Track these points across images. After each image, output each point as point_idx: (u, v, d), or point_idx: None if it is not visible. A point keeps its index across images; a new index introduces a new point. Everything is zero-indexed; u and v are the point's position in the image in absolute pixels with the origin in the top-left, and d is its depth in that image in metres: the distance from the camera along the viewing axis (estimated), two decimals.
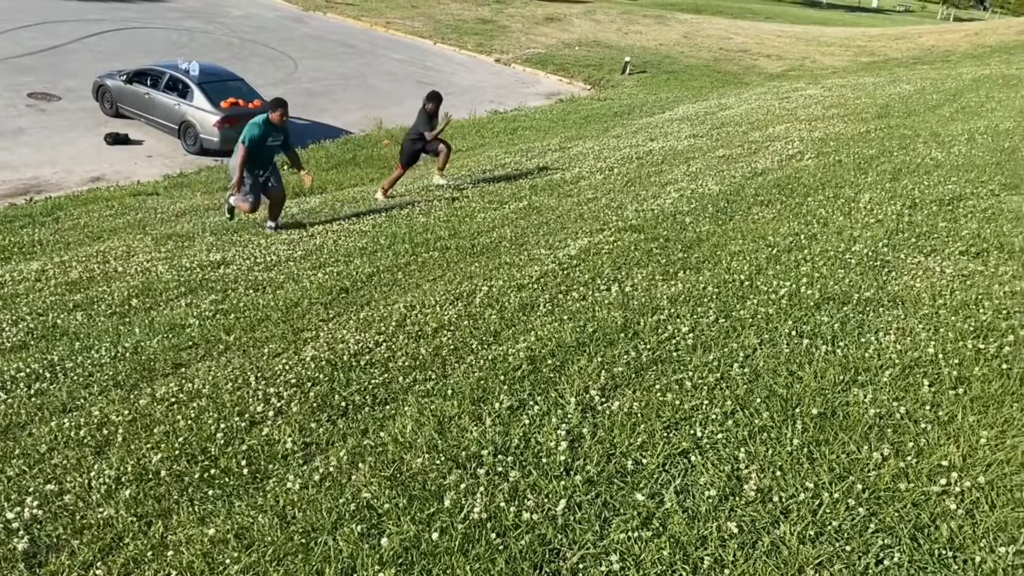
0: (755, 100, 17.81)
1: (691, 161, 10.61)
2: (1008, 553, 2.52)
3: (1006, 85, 15.60)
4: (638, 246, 6.31)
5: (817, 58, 29.93)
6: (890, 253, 5.55)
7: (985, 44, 29.08)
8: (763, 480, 2.96)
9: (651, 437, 3.34)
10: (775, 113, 14.89)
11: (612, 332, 4.52)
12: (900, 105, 14.30)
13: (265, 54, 23.34)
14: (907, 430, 3.25)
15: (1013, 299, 4.58)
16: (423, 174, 12.56)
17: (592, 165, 11.29)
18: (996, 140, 9.60)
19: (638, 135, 14.15)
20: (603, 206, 8.23)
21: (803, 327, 4.36)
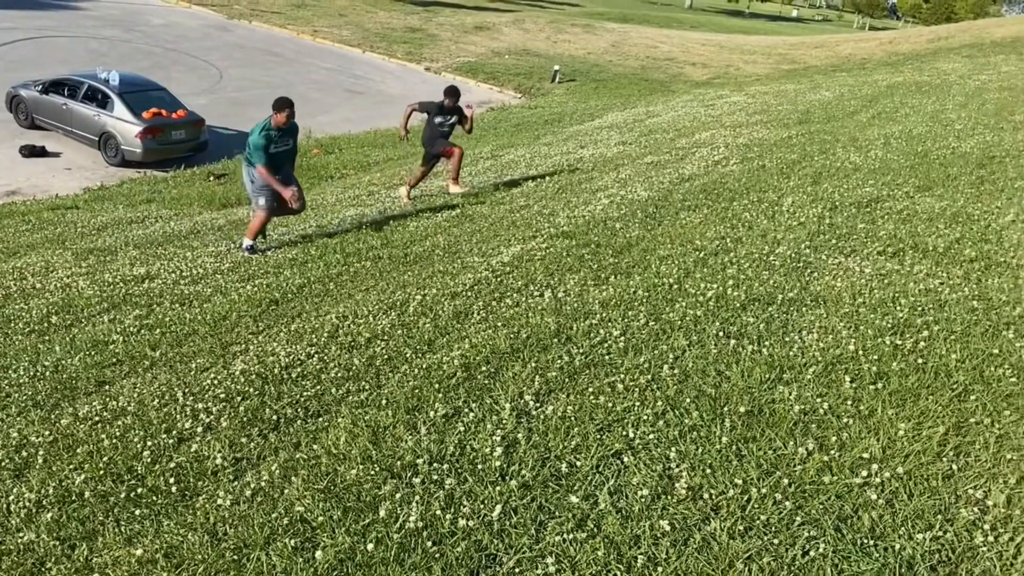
0: (682, 107, 18.19)
1: (620, 168, 10.78)
2: (925, 539, 2.63)
3: (918, 91, 16.28)
4: (570, 252, 6.38)
5: (741, 66, 30.74)
6: (812, 254, 5.73)
7: (899, 52, 30.31)
8: (694, 478, 3.02)
9: (585, 440, 3.37)
10: (701, 120, 15.23)
11: (546, 337, 4.55)
12: (820, 111, 14.79)
13: (188, 63, 22.84)
14: (830, 425, 3.36)
15: (927, 296, 4.78)
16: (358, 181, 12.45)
17: (524, 172, 11.37)
18: (910, 144, 10.01)
19: (569, 143, 14.31)
20: (535, 213, 8.29)
21: (730, 328, 4.47)
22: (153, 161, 15.31)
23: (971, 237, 5.92)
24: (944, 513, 2.78)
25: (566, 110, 20.61)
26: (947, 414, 3.42)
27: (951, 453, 3.15)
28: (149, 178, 14.67)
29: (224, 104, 19.31)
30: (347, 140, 17.42)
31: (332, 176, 14.46)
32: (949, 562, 2.56)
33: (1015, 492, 2.90)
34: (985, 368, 3.83)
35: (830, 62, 30.29)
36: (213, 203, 12.37)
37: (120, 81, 15.56)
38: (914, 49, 30.27)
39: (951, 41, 30.61)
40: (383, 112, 19.95)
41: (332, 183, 13.63)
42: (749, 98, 18.54)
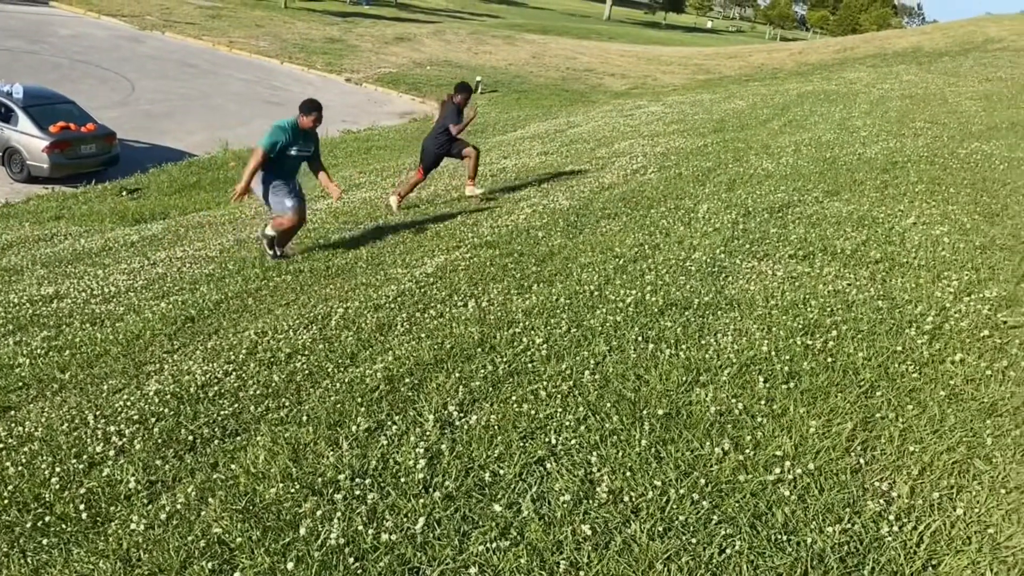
0: (601, 118, 18.49)
1: (542, 177, 10.88)
2: (835, 532, 2.73)
3: (827, 100, 16.95)
4: (494, 261, 6.41)
5: (658, 76, 31.44)
6: (727, 259, 5.88)
7: (808, 62, 31.50)
8: (614, 481, 3.07)
9: (508, 448, 3.39)
10: (620, 130, 15.51)
11: (469, 347, 4.56)
12: (734, 120, 15.24)
13: (99, 75, 22.08)
14: (745, 424, 3.46)
15: (836, 297, 4.96)
16: None
17: (447, 183, 11.37)
18: (819, 151, 10.40)
19: (492, 153, 14.37)
20: (459, 223, 8.30)
21: (649, 332, 4.55)
22: (61, 176, 14.76)
23: (876, 239, 6.18)
24: (852, 506, 2.89)
25: (489, 120, 20.70)
26: (855, 410, 3.56)
27: (859, 448, 3.28)
28: (57, 194, 14.12)
29: (137, 117, 18.75)
30: None
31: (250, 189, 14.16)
32: (857, 553, 2.66)
33: (918, 483, 3.03)
34: (890, 365, 3.99)
35: (743, 72, 31.25)
36: (126, 219, 11.99)
37: (24, 94, 14.95)
38: (822, 59, 31.52)
39: (856, 52, 32.00)
40: None
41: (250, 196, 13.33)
42: (666, 108, 18.98)
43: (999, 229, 6.42)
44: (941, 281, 5.18)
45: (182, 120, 19.17)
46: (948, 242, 6.02)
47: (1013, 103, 14.91)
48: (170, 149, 16.91)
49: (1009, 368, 3.92)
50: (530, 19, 56.95)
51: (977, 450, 3.25)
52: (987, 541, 2.70)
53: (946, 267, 5.46)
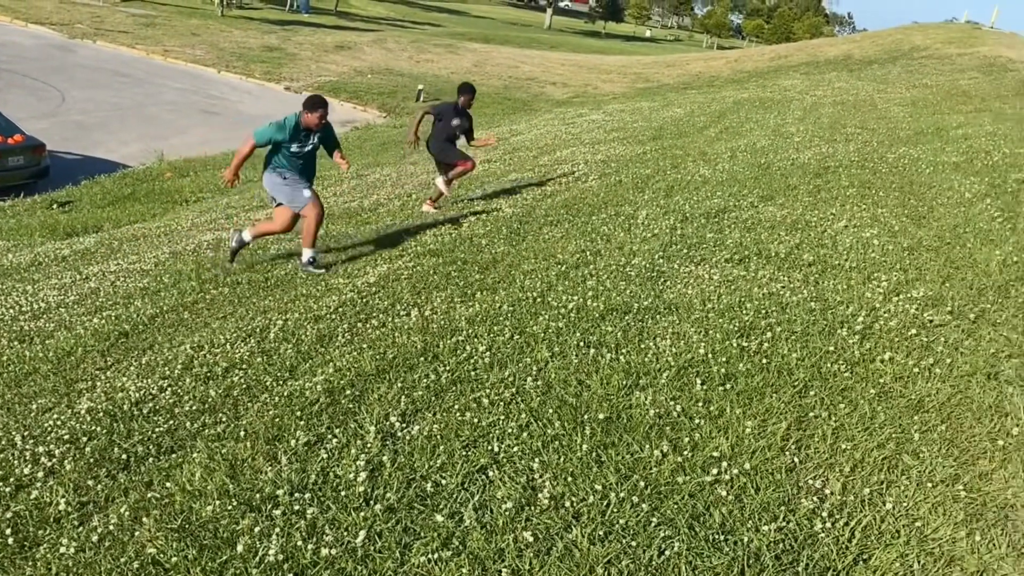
0: (543, 126, 18.60)
1: (485, 185, 10.90)
2: (770, 530, 2.79)
3: (762, 107, 17.35)
4: (437, 270, 6.39)
5: (599, 85, 31.78)
6: (665, 264, 5.97)
7: (744, 70, 32.20)
8: (556, 487, 3.08)
9: (451, 457, 3.38)
10: (562, 138, 15.62)
11: (412, 357, 4.53)
12: (672, 127, 15.48)
13: (26, 85, 21.40)
14: (683, 426, 3.51)
15: (770, 300, 5.08)
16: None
17: (390, 192, 11.30)
18: (754, 157, 10.64)
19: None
20: (402, 232, 8.25)
21: (590, 338, 4.59)
22: None
23: (809, 243, 6.34)
24: (787, 504, 2.95)
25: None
26: (789, 410, 3.64)
27: (793, 447, 3.35)
28: None
29: (68, 128, 18.21)
30: (203, 162, 16.78)
31: (187, 200, 13.89)
32: (792, 550, 2.72)
33: (849, 479, 3.12)
34: (822, 365, 4.10)
35: (681, 80, 31.80)
36: (57, 233, 11.61)
37: None
38: (757, 67, 32.25)
39: (790, 59, 32.82)
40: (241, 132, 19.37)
41: (187, 207, 13.08)
42: (607, 116, 19.18)
43: (926, 231, 6.65)
44: (871, 282, 5.34)
45: (115, 131, 18.69)
46: (878, 244, 6.21)
47: (938, 109, 15.46)
48: (103, 160, 16.45)
49: (935, 365, 4.06)
50: (472, 28, 57.09)
51: (905, 446, 3.35)
52: (915, 534, 2.79)
53: (876, 268, 5.63)
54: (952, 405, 3.69)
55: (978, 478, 3.14)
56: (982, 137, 11.62)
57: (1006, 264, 5.65)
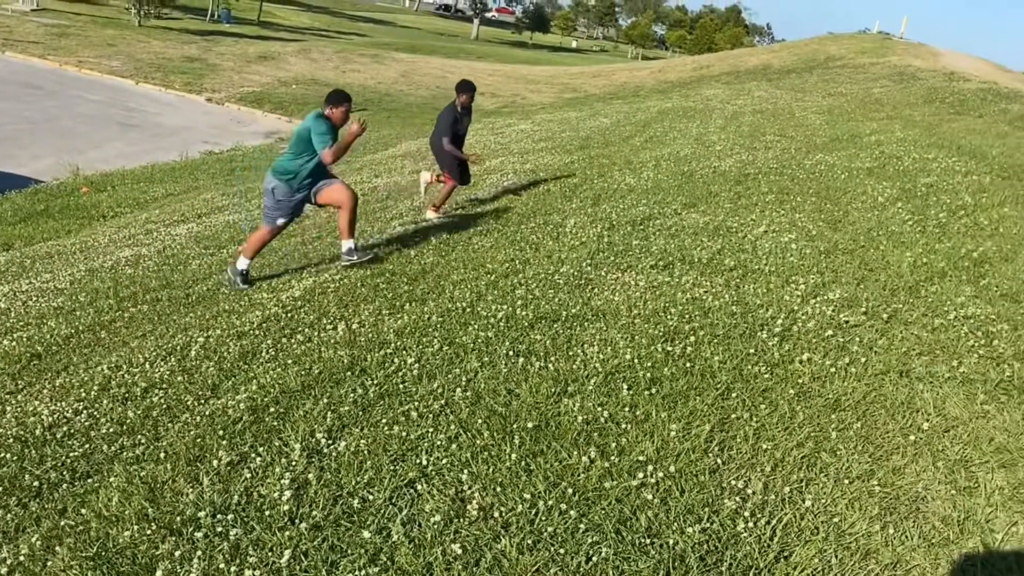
0: (472, 135, 18.60)
1: (415, 196, 10.84)
2: (695, 532, 2.83)
3: (685, 116, 17.71)
4: (364, 282, 6.32)
5: (527, 95, 32.00)
6: (593, 271, 6.03)
7: (667, 80, 32.86)
8: (485, 498, 3.07)
9: (378, 472, 3.33)
10: (491, 147, 15.66)
11: (339, 371, 4.47)
12: (599, 137, 15.68)
13: None
14: (610, 432, 3.54)
15: (694, 304, 5.17)
16: None
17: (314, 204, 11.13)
18: (677, 165, 10.84)
19: (363, 172, 14.21)
20: (328, 244, 8.15)
21: (519, 347, 4.60)
22: None
23: (730, 248, 6.49)
24: (711, 505, 3.01)
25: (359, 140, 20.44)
26: (712, 412, 3.71)
27: (716, 448, 3.42)
28: None
29: None
30: (121, 176, 16.26)
31: (105, 216, 13.42)
32: (716, 551, 2.77)
33: (770, 479, 3.19)
34: (744, 367, 4.19)
35: (607, 90, 32.26)
36: None
37: None
38: (681, 77, 32.95)
39: (712, 69, 33.62)
40: (161, 145, 18.88)
41: (105, 223, 12.65)
42: (535, 126, 19.32)
43: (841, 235, 6.88)
44: (789, 285, 5.49)
45: (27, 144, 17.96)
46: (796, 248, 6.40)
47: (852, 116, 16.05)
48: (13, 176, 15.77)
49: (851, 365, 4.20)
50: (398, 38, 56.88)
51: (823, 444, 3.45)
52: (833, 530, 2.88)
53: (794, 272, 5.79)
54: (867, 403, 3.82)
55: (892, 473, 3.25)
56: (893, 143, 12.11)
57: (916, 265, 5.88)
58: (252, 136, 21.72)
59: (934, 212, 7.42)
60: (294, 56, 35.53)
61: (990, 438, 3.49)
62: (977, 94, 18.41)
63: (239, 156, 18.46)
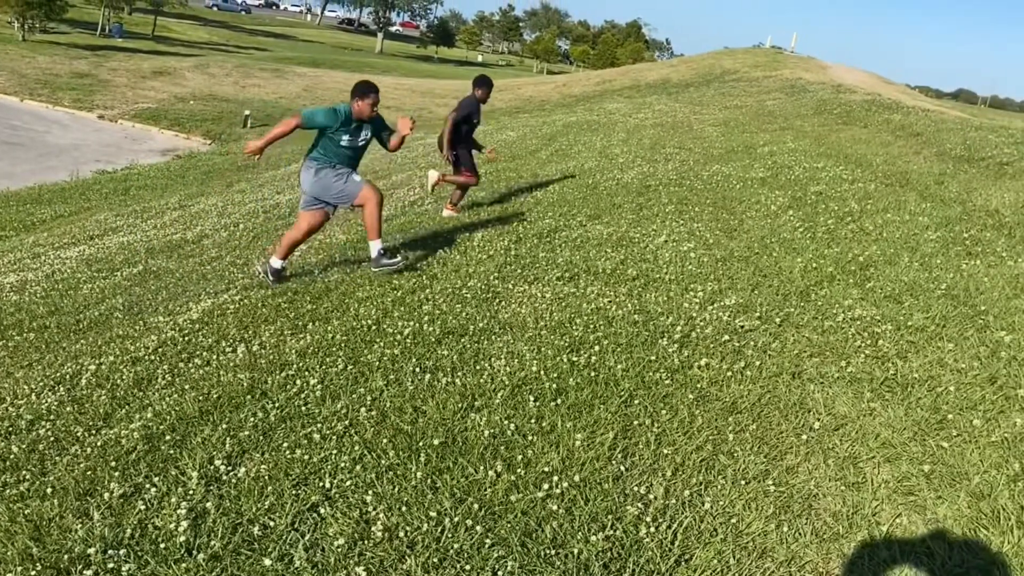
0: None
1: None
2: (599, 540, 2.87)
3: (589, 129, 18.02)
4: (266, 302, 6.17)
5: (433, 109, 31.99)
6: (500, 284, 6.06)
7: (572, 94, 33.42)
8: (390, 518, 3.04)
9: (280, 498, 3.25)
10: (398, 162, 15.58)
11: (238, 395, 4.34)
12: (505, 150, 15.79)
13: None
14: (517, 444, 3.56)
15: (598, 314, 5.26)
16: None
17: (216, 222, 10.84)
18: (582, 178, 11.02)
19: (264, 188, 13.92)
20: (228, 264, 7.94)
21: (426, 363, 4.57)
22: None
23: (633, 258, 6.63)
24: (614, 513, 3.05)
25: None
26: (616, 420, 3.77)
27: (620, 456, 3.47)
28: None
29: None
30: (5, 198, 15.45)
31: None
32: (619, 557, 2.81)
33: (671, 483, 3.27)
34: (645, 374, 4.28)
35: (514, 104, 32.57)
36: None
37: None
38: (585, 91, 33.57)
39: (615, 84, 34.39)
40: (49, 164, 18.02)
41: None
42: None
43: (737, 242, 7.12)
44: (689, 293, 5.65)
45: None
46: (694, 257, 6.59)
47: (747, 128, 16.66)
48: None
49: (746, 368, 4.34)
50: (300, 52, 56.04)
51: (721, 446, 3.56)
52: (731, 530, 2.96)
53: (693, 280, 5.96)
54: (762, 405, 3.96)
55: (786, 472, 3.37)
56: (785, 154, 12.62)
57: (807, 270, 6.14)
58: (148, 154, 20.98)
59: (823, 219, 7.77)
60: (191, 71, 34.53)
61: (876, 434, 3.66)
62: (862, 105, 19.39)
63: (135, 175, 17.79)
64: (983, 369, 4.24)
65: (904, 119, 16.30)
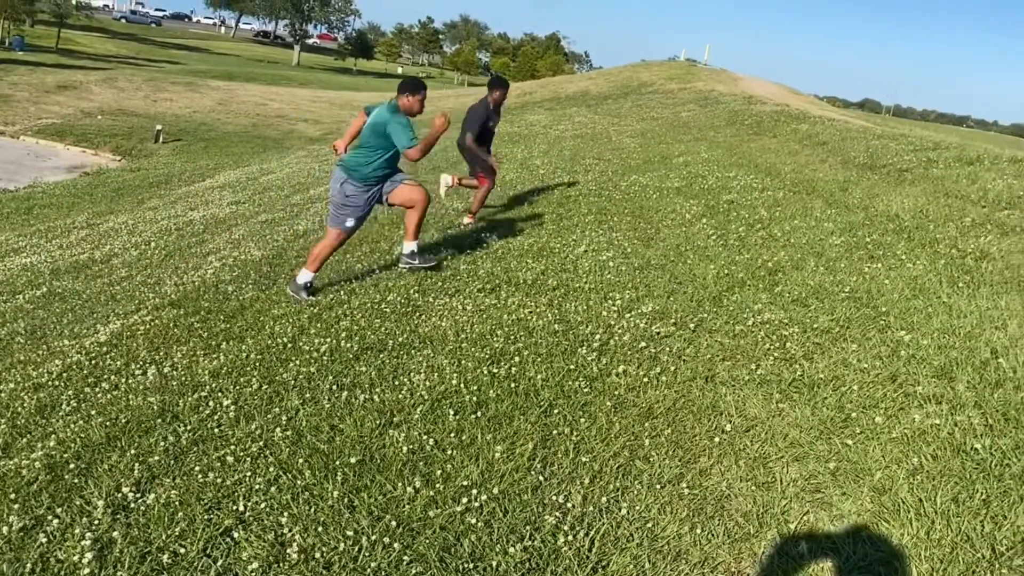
0: (296, 164, 18.21)
1: (233, 228, 10.45)
2: (517, 551, 2.87)
3: (511, 141, 18.13)
4: (178, 322, 6.00)
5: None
6: (421, 298, 6.03)
7: None
8: (306, 539, 2.98)
9: (191, 523, 3.15)
10: (316, 175, 15.38)
11: (148, 419, 4.20)
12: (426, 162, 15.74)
13: None
14: (436, 459, 3.54)
15: (519, 325, 5.28)
16: None
17: (126, 240, 10.48)
18: (504, 189, 11.08)
19: (177, 205, 13.53)
20: (139, 284, 7.68)
21: (343, 380, 4.51)
22: None
23: (554, 268, 6.69)
24: (533, 523, 3.06)
25: (173, 171, 19.48)
26: (535, 430, 3.79)
27: (539, 466, 3.49)
28: None
29: None
30: None
31: None
32: (538, 568, 2.82)
33: (589, 491, 3.30)
34: (565, 383, 4.32)
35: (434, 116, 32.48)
36: None
37: None
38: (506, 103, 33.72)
39: (535, 96, 34.72)
40: None
41: None
42: None
43: (654, 251, 7.27)
44: (607, 301, 5.73)
45: None
46: (613, 266, 6.69)
47: (663, 139, 17.05)
48: None
49: (662, 374, 4.43)
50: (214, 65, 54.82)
51: (638, 452, 3.61)
52: (646, 535, 3.01)
53: (611, 288, 6.05)
54: (677, 409, 4.04)
55: (699, 474, 3.45)
56: (699, 164, 12.96)
57: (719, 276, 6.30)
58: (53, 171, 20.15)
59: (735, 227, 7.99)
60: (98, 85, 33.35)
61: (785, 434, 3.78)
62: (772, 116, 20.05)
63: (39, 193, 17.06)
64: (884, 368, 4.43)
65: (811, 129, 16.93)
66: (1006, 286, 5.70)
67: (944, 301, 5.43)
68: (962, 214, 7.89)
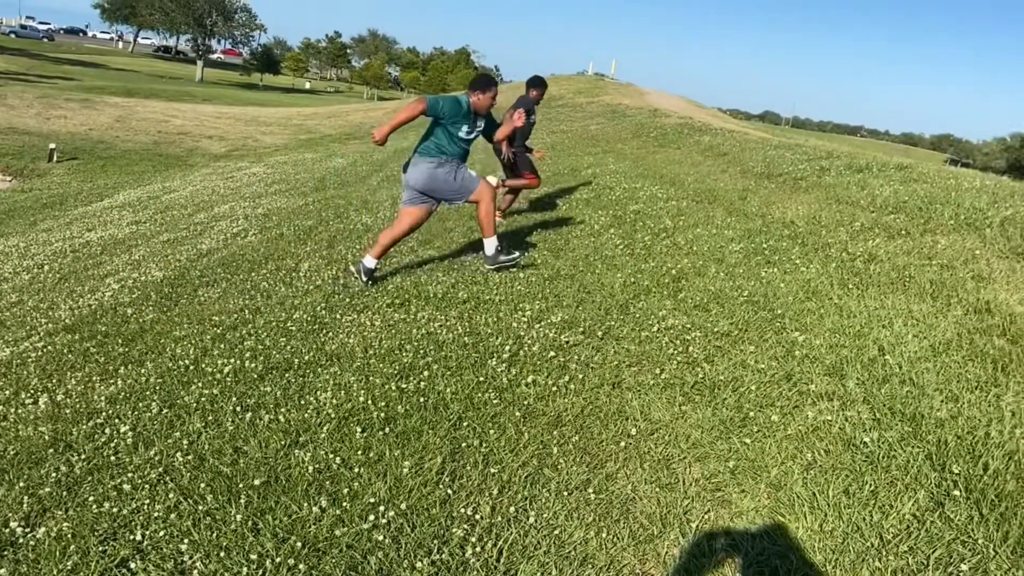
0: (200, 181, 17.73)
1: (133, 249, 10.08)
2: (425, 566, 2.86)
3: None
4: (73, 348, 5.75)
5: (259, 137, 31.05)
6: (328, 315, 5.95)
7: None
8: (208, 565, 2.90)
9: (85, 556, 3.02)
10: (220, 193, 15.01)
11: (39, 450, 4.01)
12: (335, 177, 15.61)
13: None
14: (343, 478, 3.49)
15: (428, 339, 5.27)
16: None
17: (17, 264, 9.97)
18: None
19: (73, 226, 12.97)
20: (30, 309, 7.33)
21: (248, 401, 4.41)
22: None
23: (464, 281, 6.70)
24: (441, 537, 3.05)
25: (69, 191, 18.65)
26: (444, 444, 3.79)
27: (448, 479, 3.49)
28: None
29: None
30: None
31: None
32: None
33: (498, 501, 3.31)
34: (475, 395, 4.33)
35: (343, 131, 32.20)
36: None
37: None
38: None
39: None
40: None
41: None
42: (269, 168, 18.81)
43: (563, 261, 7.36)
44: (517, 312, 5.77)
45: None
46: (523, 277, 6.74)
47: (573, 152, 17.32)
48: None
49: (570, 382, 4.49)
50: (112, 81, 52.82)
51: (546, 460, 3.65)
52: (554, 542, 3.04)
53: (522, 299, 6.09)
54: (584, 416, 4.10)
55: (606, 479, 3.51)
56: (607, 175, 13.22)
57: (626, 285, 6.43)
58: None
59: (640, 236, 8.18)
60: None
61: (687, 435, 3.88)
62: (676, 128, 20.63)
63: None
64: (780, 368, 4.60)
65: (713, 140, 17.49)
66: (892, 286, 6.00)
67: (835, 302, 5.68)
68: (852, 219, 8.28)
